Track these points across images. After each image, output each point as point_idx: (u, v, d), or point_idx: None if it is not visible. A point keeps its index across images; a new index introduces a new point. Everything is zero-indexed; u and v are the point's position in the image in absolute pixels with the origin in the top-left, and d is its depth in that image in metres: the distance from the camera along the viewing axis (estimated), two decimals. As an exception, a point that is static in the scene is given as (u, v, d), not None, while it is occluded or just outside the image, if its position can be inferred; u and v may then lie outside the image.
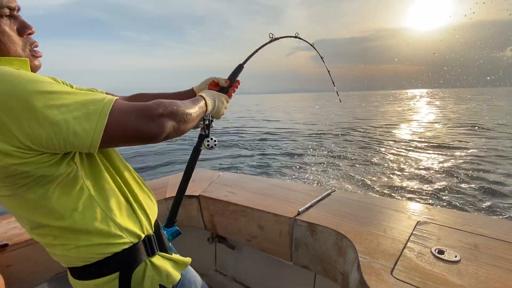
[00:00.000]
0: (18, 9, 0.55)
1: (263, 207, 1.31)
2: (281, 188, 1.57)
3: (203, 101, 0.74)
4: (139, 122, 0.51)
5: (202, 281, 0.81)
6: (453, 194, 4.80)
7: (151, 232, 0.69)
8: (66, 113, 0.44)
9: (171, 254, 0.71)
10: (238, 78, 0.97)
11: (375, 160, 7.12)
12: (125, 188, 0.65)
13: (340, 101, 1.43)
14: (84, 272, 0.61)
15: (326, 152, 8.11)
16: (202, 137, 0.89)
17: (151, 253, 0.66)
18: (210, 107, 0.77)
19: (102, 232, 0.58)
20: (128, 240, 0.62)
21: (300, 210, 1.24)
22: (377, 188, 5.14)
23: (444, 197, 4.70)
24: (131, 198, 0.66)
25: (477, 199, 4.59)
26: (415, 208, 1.28)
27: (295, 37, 1.12)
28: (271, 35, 1.04)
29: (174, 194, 1.50)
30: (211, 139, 0.87)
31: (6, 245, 1.04)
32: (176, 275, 0.67)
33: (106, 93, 0.81)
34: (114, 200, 0.61)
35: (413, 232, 1.05)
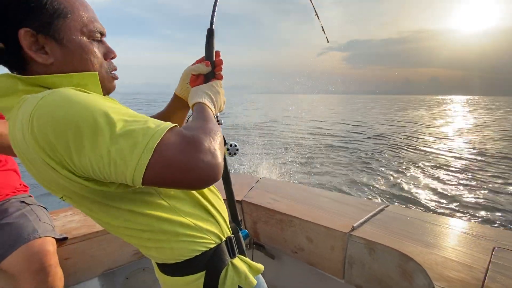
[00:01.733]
0: (105, 35, 0.60)
1: (313, 218, 1.24)
2: (329, 200, 1.48)
3: (205, 106, 0.62)
4: (189, 151, 0.43)
5: None
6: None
7: (229, 233, 0.70)
8: (112, 144, 0.41)
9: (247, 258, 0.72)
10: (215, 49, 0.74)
11: (431, 174, 6.53)
12: (197, 193, 0.66)
13: (328, 42, 1.10)
14: (174, 269, 0.62)
15: (370, 159, 7.71)
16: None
17: (233, 255, 0.67)
18: (212, 108, 0.64)
19: (188, 235, 0.60)
20: (212, 241, 0.64)
21: (354, 225, 1.15)
22: (436, 206, 4.64)
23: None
24: (204, 202, 0.66)
25: None
26: (487, 232, 1.13)
27: None
28: None
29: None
30: (231, 145, 0.76)
31: (66, 238, 1.08)
32: (252, 279, 0.66)
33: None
34: (191, 206, 0.62)
35: (491, 259, 0.92)
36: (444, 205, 4.70)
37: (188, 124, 0.52)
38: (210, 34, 0.73)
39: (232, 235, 0.69)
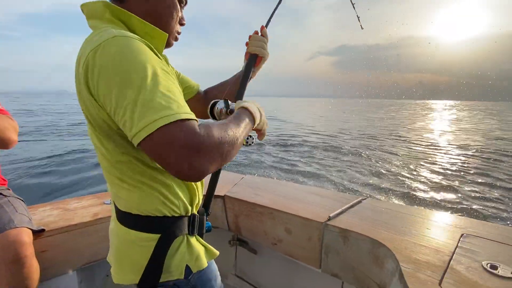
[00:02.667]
0: (186, 3, 0.72)
1: (292, 210, 1.27)
2: (309, 193, 1.52)
3: (248, 115, 0.64)
4: (185, 150, 0.45)
5: (221, 283, 0.78)
6: (498, 208, 4.45)
7: (195, 212, 0.71)
8: (135, 105, 0.46)
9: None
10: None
11: (408, 168, 6.81)
12: None
13: (362, 28, 1.15)
14: (134, 221, 0.63)
15: (353, 158, 7.89)
16: None
17: (191, 232, 0.68)
18: (257, 122, 0.66)
19: (164, 194, 0.62)
20: (178, 210, 0.65)
21: (331, 215, 1.19)
22: (412, 197, 4.88)
23: (487, 210, 4.37)
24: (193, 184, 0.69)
25: None
26: (457, 221, 1.19)
27: None
28: None
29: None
30: (250, 136, 0.74)
31: (43, 230, 1.07)
32: (204, 262, 0.67)
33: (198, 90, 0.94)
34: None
35: (459, 244, 0.97)
36: (420, 198, 4.89)
37: (218, 124, 0.53)
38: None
39: (197, 215, 0.71)
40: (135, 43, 0.50)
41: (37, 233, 1.05)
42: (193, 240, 0.67)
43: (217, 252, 0.73)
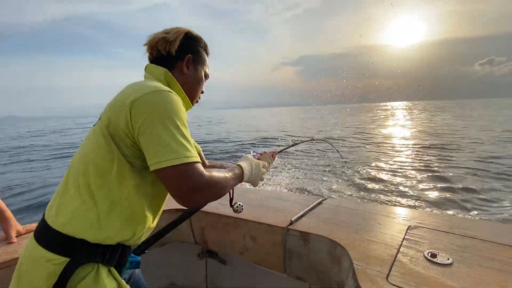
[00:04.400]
0: (208, 77, 0.99)
1: (255, 218, 1.29)
2: (273, 198, 1.55)
3: (241, 170, 0.90)
4: (188, 188, 0.63)
5: None
6: (441, 198, 4.93)
7: (124, 243, 0.71)
8: (170, 140, 0.63)
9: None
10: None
11: (363, 167, 7.24)
12: (151, 207, 0.77)
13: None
14: (54, 240, 0.64)
15: (316, 160, 8.19)
16: None
17: (106, 262, 0.67)
18: (246, 177, 0.91)
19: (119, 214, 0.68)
20: (100, 237, 0.66)
21: (292, 219, 1.23)
22: (368, 195, 5.20)
23: (432, 201, 4.81)
24: (146, 217, 0.74)
25: (465, 201, 4.73)
26: (405, 213, 1.30)
27: (311, 139, 1.51)
28: (292, 141, 1.46)
29: (166, 208, 1.45)
30: (240, 205, 1.04)
31: None
32: None
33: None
34: (134, 208, 0.70)
35: (405, 236, 1.06)
36: (375, 194, 5.27)
37: (219, 172, 0.75)
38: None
39: (123, 246, 0.70)
40: (175, 97, 0.70)
41: None
42: (103, 271, 0.66)
43: None
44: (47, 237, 0.65)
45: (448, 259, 0.88)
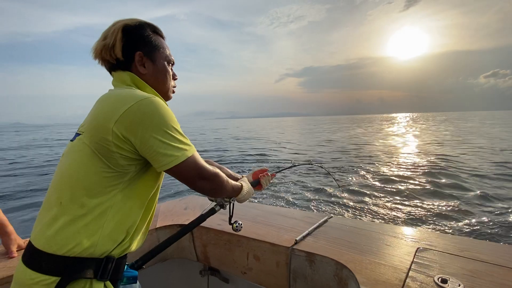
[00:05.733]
0: (174, 63, 0.93)
1: (259, 236, 1.26)
2: (277, 215, 1.53)
3: (240, 189, 1.00)
4: (195, 174, 0.75)
5: None
6: (451, 217, 4.80)
7: (115, 255, 0.70)
8: (173, 142, 0.70)
9: None
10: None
11: (369, 184, 7.13)
12: (141, 214, 0.76)
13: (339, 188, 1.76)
14: (42, 261, 0.63)
15: (320, 177, 8.12)
16: (212, 210, 1.08)
17: (100, 277, 0.66)
18: (240, 196, 1.01)
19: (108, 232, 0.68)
20: (94, 253, 0.66)
21: (297, 238, 1.20)
22: (374, 214, 5.10)
23: (441, 221, 4.69)
24: (136, 224, 0.74)
25: (475, 222, 4.60)
26: (414, 234, 1.27)
27: (310, 163, 1.53)
28: (292, 162, 1.51)
29: (166, 224, 1.44)
30: (239, 223, 1.10)
31: None
32: None
33: None
34: (124, 216, 0.71)
35: (414, 259, 1.03)
36: (382, 212, 5.16)
37: (226, 174, 0.92)
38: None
39: (115, 258, 0.70)
40: (159, 101, 0.72)
41: None
42: (98, 286, 0.66)
43: None
44: (35, 258, 0.64)
45: (459, 285, 0.85)
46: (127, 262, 0.80)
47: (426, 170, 8.55)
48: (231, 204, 1.09)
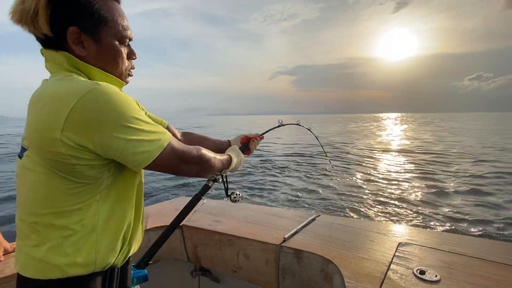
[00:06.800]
0: (130, 39, 0.73)
1: (249, 235, 1.29)
2: (267, 215, 1.56)
3: (230, 159, 0.93)
4: (178, 162, 0.66)
5: None
6: (432, 214, 4.98)
7: (119, 264, 0.67)
8: (142, 135, 0.58)
9: None
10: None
11: (357, 182, 7.28)
12: (133, 213, 0.70)
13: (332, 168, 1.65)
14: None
15: (310, 174, 8.21)
16: (206, 187, 1.01)
17: None
18: (232, 166, 0.93)
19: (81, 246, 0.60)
20: (95, 268, 0.61)
21: (286, 236, 1.24)
22: (360, 211, 5.22)
23: (423, 217, 4.85)
24: (131, 226, 0.68)
25: (454, 218, 4.78)
26: (396, 230, 1.32)
27: (297, 124, 1.43)
28: (280, 121, 1.38)
29: (155, 225, 1.45)
30: (238, 194, 1.01)
31: None
32: None
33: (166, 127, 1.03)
34: (117, 222, 0.65)
35: (396, 253, 1.08)
36: (369, 212, 5.31)
37: (209, 152, 0.79)
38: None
39: (119, 267, 0.66)
40: (111, 89, 0.57)
41: None
42: None
43: None
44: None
45: (436, 276, 0.91)
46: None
47: (412, 168, 8.81)
48: (224, 176, 1.01)
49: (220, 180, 1.02)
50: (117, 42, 0.67)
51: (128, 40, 0.70)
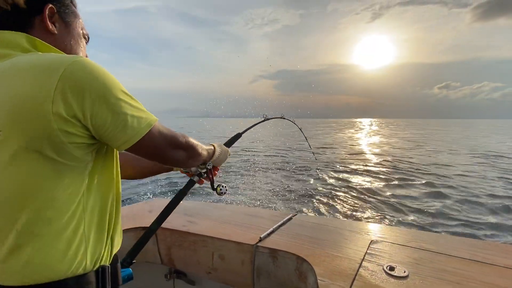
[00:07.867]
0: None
1: (224, 235, 1.27)
2: (244, 215, 1.55)
3: (213, 150, 0.92)
4: (165, 145, 0.64)
5: None
6: (402, 213, 5.23)
7: (107, 263, 0.62)
8: (129, 110, 0.56)
9: None
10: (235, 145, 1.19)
11: (333, 183, 7.49)
12: (115, 205, 0.65)
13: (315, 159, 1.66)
14: None
15: (290, 173, 8.32)
16: (192, 182, 1.00)
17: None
18: (215, 157, 0.93)
19: (70, 247, 0.55)
20: (86, 265, 0.57)
21: (261, 236, 1.23)
22: (336, 211, 5.37)
23: (393, 216, 5.09)
24: (113, 218, 0.63)
25: (422, 216, 5.06)
26: (369, 228, 1.36)
27: (282, 117, 1.43)
28: (264, 115, 1.37)
29: (130, 226, 1.39)
30: (224, 186, 1.00)
31: None
32: None
33: None
34: (100, 214, 0.60)
35: (367, 251, 1.11)
36: (343, 210, 5.50)
37: (194, 139, 0.77)
38: (237, 136, 1.20)
39: (108, 265, 0.62)
40: (96, 63, 0.55)
41: None
42: None
43: None
44: None
45: (405, 272, 0.94)
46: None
47: (384, 169, 9.24)
48: (208, 169, 0.98)
49: (205, 176, 1.00)
50: (82, 34, 0.72)
51: (87, 38, 0.75)
